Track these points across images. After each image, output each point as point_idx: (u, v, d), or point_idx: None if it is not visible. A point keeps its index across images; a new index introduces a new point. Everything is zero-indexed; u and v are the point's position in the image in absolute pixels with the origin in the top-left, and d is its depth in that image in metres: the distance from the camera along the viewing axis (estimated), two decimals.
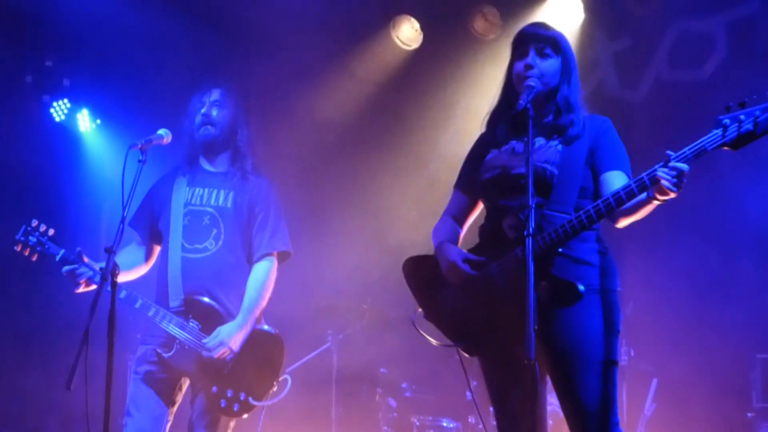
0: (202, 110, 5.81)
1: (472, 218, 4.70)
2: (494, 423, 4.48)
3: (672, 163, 3.74)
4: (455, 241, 4.60)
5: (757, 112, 3.64)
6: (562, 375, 4.19)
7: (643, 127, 7.91)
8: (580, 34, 8.46)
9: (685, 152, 3.76)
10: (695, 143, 3.76)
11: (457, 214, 4.70)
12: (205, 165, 5.85)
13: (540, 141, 4.35)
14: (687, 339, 8.03)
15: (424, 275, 4.56)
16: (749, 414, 7.73)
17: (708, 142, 3.73)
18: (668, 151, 3.78)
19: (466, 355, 4.49)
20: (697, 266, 8.05)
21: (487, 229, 4.44)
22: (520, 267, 3.93)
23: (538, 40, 4.38)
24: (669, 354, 8.02)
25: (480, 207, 4.66)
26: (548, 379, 4.31)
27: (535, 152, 4.28)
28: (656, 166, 3.79)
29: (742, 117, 3.66)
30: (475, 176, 4.50)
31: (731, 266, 8.03)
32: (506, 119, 4.45)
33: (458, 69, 8.94)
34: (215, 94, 5.86)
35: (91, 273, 5.47)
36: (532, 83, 4.26)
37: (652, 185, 3.82)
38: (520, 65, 4.37)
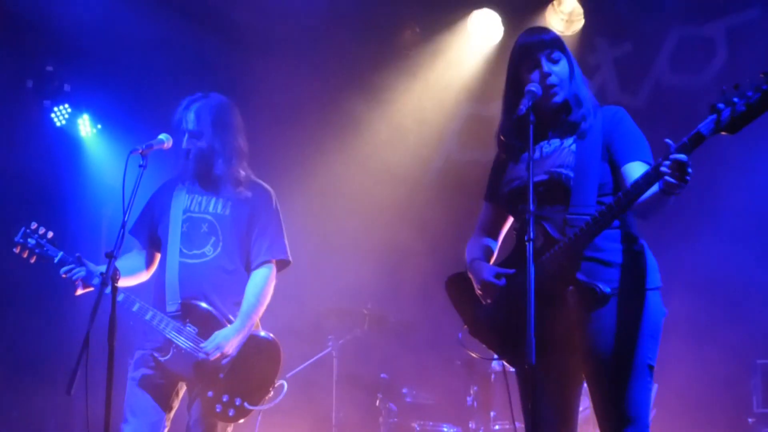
0: (186, 125, 5.74)
1: (507, 227, 4.70)
2: (495, 427, 4.48)
3: (672, 156, 3.74)
4: (488, 256, 4.60)
5: (749, 93, 3.61)
6: (594, 378, 4.19)
7: (644, 133, 7.90)
8: (581, 38, 8.46)
9: (683, 141, 3.75)
10: (692, 130, 3.74)
11: (488, 227, 4.72)
12: (203, 173, 5.81)
13: (555, 143, 4.36)
14: (687, 345, 8.02)
15: (465, 292, 4.55)
16: (750, 419, 7.72)
17: (704, 127, 3.71)
18: (666, 139, 3.78)
19: (510, 367, 4.50)
20: (698, 272, 8.05)
21: (518, 239, 4.44)
22: (545, 275, 3.94)
23: (545, 47, 4.36)
24: (669, 360, 8.00)
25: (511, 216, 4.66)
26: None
27: (549, 157, 4.31)
28: (659, 160, 3.78)
29: (735, 100, 3.64)
30: (499, 189, 4.51)
31: (732, 272, 8.02)
32: (515, 129, 4.40)
33: (461, 74, 8.94)
34: (197, 107, 5.76)
35: (83, 273, 5.48)
36: (533, 88, 4.25)
37: (658, 177, 3.80)
38: (534, 75, 4.35)
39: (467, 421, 7.86)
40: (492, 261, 4.59)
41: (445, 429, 7.81)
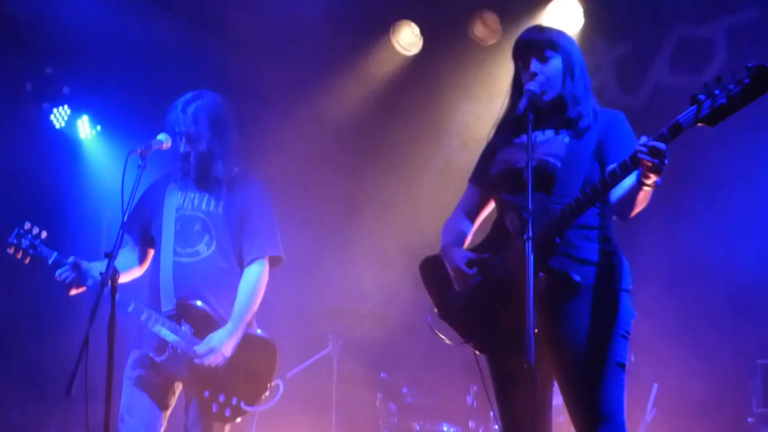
0: (182, 128, 5.69)
1: (486, 212, 4.73)
2: (495, 427, 4.50)
3: (649, 142, 3.75)
4: (461, 240, 4.62)
5: (731, 86, 3.62)
6: (563, 374, 4.21)
7: (643, 133, 7.89)
8: (580, 39, 8.45)
9: (662, 131, 3.76)
10: (671, 121, 3.75)
11: (469, 209, 4.73)
12: (198, 174, 5.78)
13: (549, 134, 4.38)
14: (687, 345, 8.02)
15: (438, 275, 4.58)
16: (749, 419, 7.71)
17: (683, 118, 3.72)
18: (643, 135, 3.79)
19: (477, 352, 4.51)
20: (698, 271, 8.05)
21: (495, 223, 4.49)
22: (520, 261, 3.94)
23: (536, 47, 4.40)
24: (669, 359, 8.01)
25: (493, 201, 4.67)
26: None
27: (541, 145, 4.33)
28: (636, 148, 3.79)
29: (716, 92, 3.65)
30: (487, 170, 4.54)
31: (732, 271, 8.02)
32: (513, 124, 4.46)
33: (458, 74, 8.95)
34: (193, 109, 5.72)
35: (74, 275, 5.49)
36: (532, 87, 4.27)
37: (634, 167, 3.83)
38: (525, 76, 4.40)
39: (467, 420, 7.85)
40: (466, 245, 4.61)
41: (445, 428, 7.80)
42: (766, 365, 7.70)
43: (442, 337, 4.61)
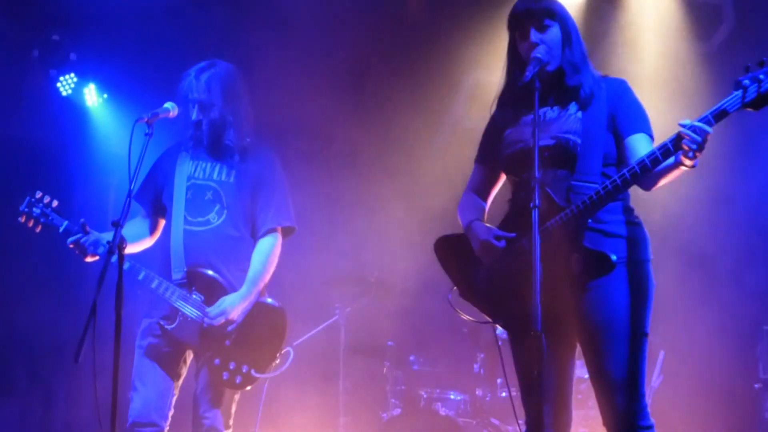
0: (195, 96, 5.71)
1: (495, 191, 4.72)
2: (502, 394, 4.51)
3: (696, 123, 3.74)
4: (482, 217, 4.61)
5: None
6: (591, 346, 4.22)
7: (650, 101, 7.86)
8: (586, 5, 8.43)
9: (706, 116, 3.76)
10: (716, 106, 3.76)
11: (479, 189, 4.71)
12: (210, 142, 5.79)
13: (557, 110, 4.37)
14: (694, 312, 8.04)
15: (456, 254, 4.58)
16: (756, 385, 7.74)
17: (728, 104, 3.73)
18: (680, 122, 3.78)
19: (505, 330, 4.51)
20: (704, 237, 8.06)
21: (514, 203, 4.46)
22: (550, 241, 3.95)
23: (534, 16, 4.36)
24: (676, 327, 8.03)
25: (502, 179, 4.67)
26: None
27: (554, 122, 4.33)
28: (679, 131, 3.79)
29: (761, 76, 3.66)
30: (495, 151, 4.52)
31: (738, 237, 8.03)
32: (517, 95, 4.42)
33: (466, 42, 8.92)
34: (206, 77, 5.74)
35: (91, 240, 5.51)
36: (539, 54, 4.26)
37: (675, 150, 3.82)
38: (524, 46, 4.37)
39: (474, 388, 7.88)
40: (484, 221, 4.59)
41: (452, 396, 7.83)
42: None
43: (465, 316, 4.61)
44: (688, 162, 3.84)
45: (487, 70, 8.52)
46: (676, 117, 3.88)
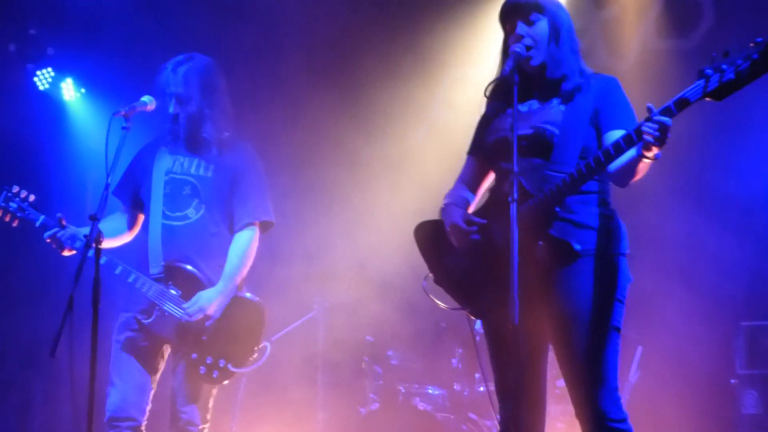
0: (173, 89, 5.69)
1: (487, 183, 4.71)
2: (480, 388, 4.52)
3: (656, 117, 3.76)
4: (463, 204, 4.61)
5: (739, 61, 3.65)
6: (560, 339, 4.23)
7: (630, 96, 7.88)
8: (567, 3, 8.43)
9: (668, 105, 3.78)
10: (678, 95, 3.78)
11: (469, 180, 4.72)
12: (187, 136, 5.77)
13: (539, 104, 4.39)
14: (672, 307, 8.07)
15: (433, 239, 4.59)
16: (733, 380, 7.77)
17: (690, 93, 3.75)
18: (649, 104, 3.80)
19: (473, 318, 4.52)
20: (683, 235, 8.09)
21: (492, 191, 4.51)
22: (519, 227, 3.95)
23: (522, 9, 4.38)
24: (654, 322, 8.06)
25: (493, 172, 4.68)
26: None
27: (535, 113, 4.35)
28: (641, 121, 3.81)
29: (724, 67, 3.68)
30: (483, 140, 4.54)
31: (716, 235, 8.05)
32: (504, 88, 4.40)
33: (447, 37, 8.92)
34: (184, 70, 5.72)
35: (68, 234, 5.49)
36: (518, 48, 4.26)
37: (638, 140, 3.84)
38: (512, 39, 4.38)
39: (452, 383, 7.89)
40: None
41: (431, 391, 7.83)
42: (750, 327, 7.77)
43: (437, 302, 4.62)
44: (649, 154, 3.86)
45: (466, 65, 8.55)
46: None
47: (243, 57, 8.61)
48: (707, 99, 3.73)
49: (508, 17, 4.43)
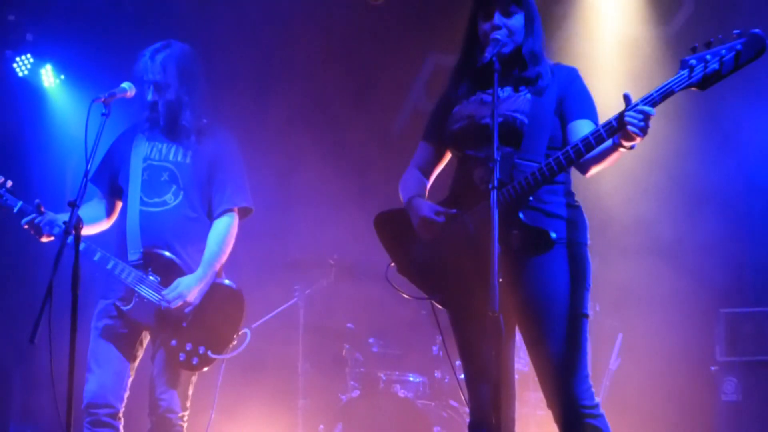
0: (151, 77, 5.67)
1: (439, 169, 4.72)
2: (462, 376, 4.51)
3: (639, 107, 3.78)
4: (423, 193, 4.60)
5: (723, 51, 3.70)
6: (531, 327, 4.23)
7: (609, 84, 7.90)
8: None
9: (652, 95, 3.80)
10: (662, 85, 3.80)
11: (423, 166, 4.70)
12: (166, 123, 5.76)
13: (507, 91, 4.38)
14: (652, 294, 8.10)
15: (395, 229, 4.58)
16: (713, 368, 7.80)
17: (675, 84, 3.78)
18: (626, 93, 3.82)
19: (439, 307, 4.51)
20: (662, 222, 8.12)
21: (457, 180, 4.46)
22: (487, 216, 3.95)
23: (502, 1, 4.36)
24: (634, 309, 8.09)
25: (447, 158, 4.68)
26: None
27: (504, 102, 4.33)
28: (624, 110, 3.82)
29: (708, 57, 3.72)
30: (443, 127, 4.52)
31: (695, 222, 8.08)
32: (471, 74, 4.46)
33: (426, 24, 8.90)
34: (162, 57, 5.70)
35: (46, 220, 5.48)
36: (499, 36, 4.27)
37: (619, 129, 3.85)
38: (486, 26, 4.37)
39: (433, 370, 7.90)
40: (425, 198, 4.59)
41: (411, 378, 7.84)
42: (729, 314, 7.79)
43: (401, 291, 4.60)
44: (626, 144, 3.89)
45: (445, 53, 8.54)
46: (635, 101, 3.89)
47: (222, 44, 8.58)
48: (692, 89, 3.76)
49: (484, 5, 4.41)
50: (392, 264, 4.63)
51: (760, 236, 8.19)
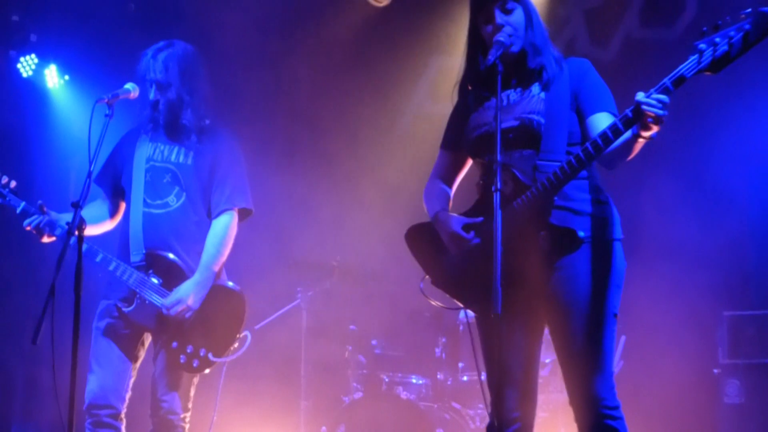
0: (153, 76, 5.69)
1: (461, 176, 4.71)
2: (464, 378, 4.50)
3: (654, 95, 3.76)
4: (447, 206, 4.59)
5: (732, 33, 3.66)
6: (560, 328, 4.21)
7: (613, 86, 7.88)
8: None
9: (664, 82, 3.77)
10: (673, 71, 3.77)
11: (445, 175, 4.70)
12: (167, 123, 5.76)
13: (519, 93, 4.37)
14: (655, 297, 8.09)
15: (427, 242, 4.55)
16: (715, 370, 7.80)
17: (686, 69, 3.74)
18: (639, 92, 3.80)
19: (479, 316, 4.48)
20: (665, 225, 8.10)
21: (482, 186, 4.44)
22: (516, 220, 3.95)
23: None
24: (637, 312, 8.07)
25: (468, 165, 4.66)
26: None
27: (518, 104, 4.32)
28: (638, 100, 3.79)
29: (717, 40, 3.68)
30: (461, 135, 4.50)
31: (700, 225, 8.07)
32: (480, 79, 4.44)
33: (430, 26, 8.91)
34: (164, 56, 5.71)
35: (47, 221, 5.48)
36: (502, 38, 4.25)
37: (636, 119, 3.82)
38: (488, 28, 4.36)
39: (436, 372, 7.89)
40: (449, 209, 4.58)
41: (414, 380, 7.84)
42: (732, 317, 7.79)
43: (437, 303, 4.60)
44: (646, 134, 3.85)
45: (449, 55, 8.54)
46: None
47: (227, 46, 8.58)
48: (704, 73, 3.73)
49: (481, 6, 4.40)
50: (426, 276, 4.60)
51: (763, 239, 8.18)
